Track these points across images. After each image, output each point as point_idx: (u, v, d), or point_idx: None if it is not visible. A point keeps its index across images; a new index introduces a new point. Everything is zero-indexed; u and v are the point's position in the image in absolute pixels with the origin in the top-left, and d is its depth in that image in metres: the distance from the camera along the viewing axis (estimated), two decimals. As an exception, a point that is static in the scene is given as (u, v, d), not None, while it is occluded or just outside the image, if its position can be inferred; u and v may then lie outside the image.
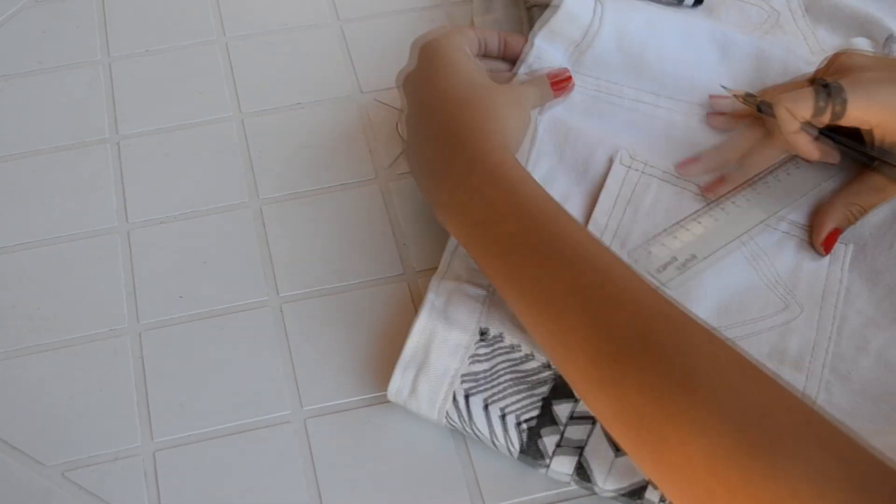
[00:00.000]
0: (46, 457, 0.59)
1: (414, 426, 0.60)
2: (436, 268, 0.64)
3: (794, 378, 0.60)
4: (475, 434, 0.58)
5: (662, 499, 0.55)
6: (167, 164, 0.73)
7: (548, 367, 0.59)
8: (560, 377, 0.58)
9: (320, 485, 0.58)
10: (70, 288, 0.66)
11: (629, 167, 0.68)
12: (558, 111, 0.71)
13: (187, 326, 0.64)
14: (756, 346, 0.62)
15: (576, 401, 0.58)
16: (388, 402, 0.59)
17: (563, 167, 0.68)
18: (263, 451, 0.59)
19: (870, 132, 0.63)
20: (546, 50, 0.72)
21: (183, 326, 0.64)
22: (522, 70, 0.71)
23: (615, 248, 0.65)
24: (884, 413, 0.59)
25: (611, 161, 0.68)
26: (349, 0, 0.84)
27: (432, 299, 0.61)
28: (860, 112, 0.62)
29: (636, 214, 0.66)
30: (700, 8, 0.80)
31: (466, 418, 0.57)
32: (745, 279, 0.64)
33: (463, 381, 0.58)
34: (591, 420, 0.57)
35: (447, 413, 0.58)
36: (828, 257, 0.65)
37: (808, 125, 0.64)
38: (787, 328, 0.62)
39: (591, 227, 0.66)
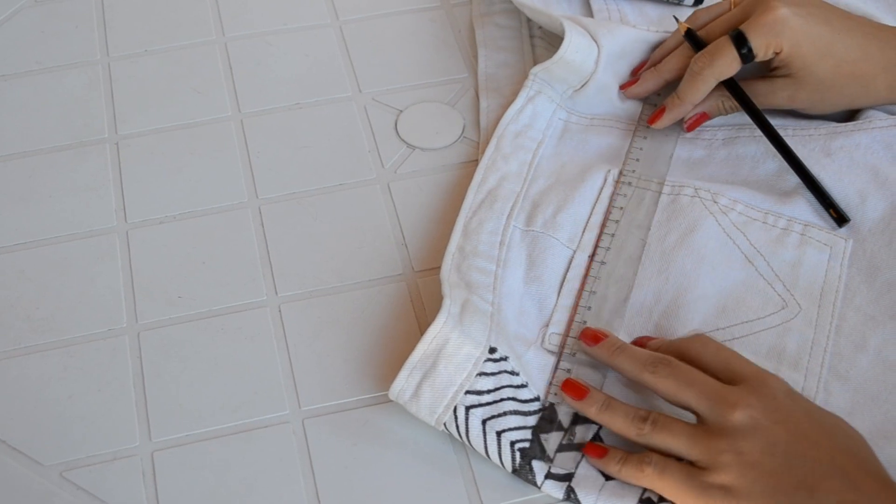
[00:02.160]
0: (45, 457, 0.59)
1: (412, 427, 0.59)
2: (436, 268, 0.64)
3: (792, 378, 0.60)
4: (470, 445, 0.58)
5: None
6: (166, 164, 0.73)
7: (537, 399, 0.59)
8: (548, 408, 0.59)
9: (318, 485, 0.58)
10: (69, 288, 0.66)
11: (623, 183, 0.68)
12: (553, 143, 0.72)
13: (186, 326, 0.64)
14: (754, 346, 0.62)
15: (564, 431, 0.58)
16: (387, 402, 0.59)
17: (558, 184, 0.69)
18: (262, 451, 0.59)
19: (778, 57, 0.67)
20: (545, 87, 0.73)
21: (182, 326, 0.64)
22: (522, 97, 0.73)
23: (611, 258, 0.65)
24: (882, 412, 0.59)
25: (605, 177, 0.69)
26: (349, 0, 0.84)
27: (448, 305, 0.61)
28: (763, 51, 0.66)
29: (630, 226, 0.66)
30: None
31: (464, 430, 0.57)
32: (742, 279, 0.64)
33: (467, 395, 0.58)
34: (580, 450, 0.58)
35: (444, 423, 0.58)
36: (828, 252, 0.65)
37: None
38: (785, 327, 0.62)
39: (586, 239, 0.66)
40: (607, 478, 0.56)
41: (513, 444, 0.57)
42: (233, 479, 0.58)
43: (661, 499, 0.55)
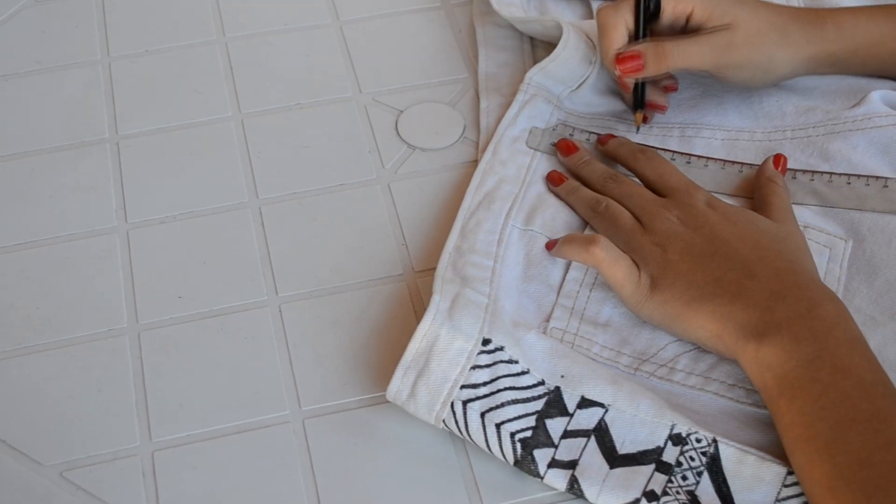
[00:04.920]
0: (45, 457, 0.59)
1: (412, 427, 0.59)
2: (435, 269, 0.64)
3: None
4: (471, 440, 0.58)
5: None
6: (166, 164, 0.73)
7: (542, 383, 0.59)
8: (554, 392, 0.58)
9: (318, 485, 0.58)
10: (69, 288, 0.66)
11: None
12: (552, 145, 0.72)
13: (186, 326, 0.64)
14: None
15: (570, 416, 0.58)
16: (387, 402, 0.59)
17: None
18: (262, 451, 0.59)
19: (690, 19, 0.69)
20: (540, 90, 0.74)
21: (182, 326, 0.64)
22: (518, 101, 0.73)
23: None
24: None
25: None
26: (349, 0, 0.84)
27: (437, 302, 0.61)
28: (672, 5, 0.69)
29: None
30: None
31: (463, 426, 0.57)
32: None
33: (462, 389, 0.58)
34: (585, 436, 0.57)
35: (444, 420, 0.58)
36: (827, 254, 0.65)
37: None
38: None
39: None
40: (612, 467, 0.56)
41: (513, 434, 0.57)
42: (233, 479, 0.58)
43: (665, 492, 0.55)
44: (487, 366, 0.59)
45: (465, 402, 0.57)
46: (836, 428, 0.53)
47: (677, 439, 0.56)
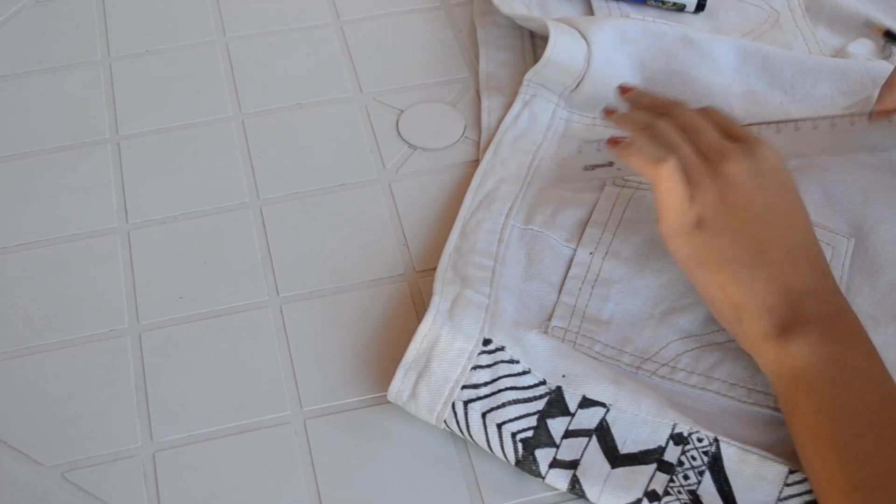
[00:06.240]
0: (46, 457, 0.59)
1: (414, 427, 0.59)
2: (436, 269, 0.64)
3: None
4: (472, 440, 0.58)
5: None
6: (167, 165, 0.73)
7: (543, 383, 0.59)
8: (555, 392, 0.58)
9: (320, 486, 0.58)
10: (70, 288, 0.66)
11: (622, 187, 0.68)
12: (555, 144, 0.71)
13: (187, 327, 0.64)
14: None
15: (571, 416, 0.58)
16: (388, 402, 0.59)
17: (557, 185, 0.69)
18: (263, 451, 0.59)
19: None
20: (540, 90, 0.74)
21: (183, 327, 0.64)
22: (519, 101, 0.73)
23: (609, 264, 0.65)
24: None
25: (604, 183, 0.69)
26: (349, 0, 0.84)
27: (437, 302, 0.61)
28: None
29: (630, 229, 0.66)
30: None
31: (464, 426, 0.57)
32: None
33: (463, 390, 0.58)
34: (586, 436, 0.57)
35: (445, 420, 0.58)
36: (829, 251, 0.65)
37: None
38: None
39: (584, 242, 0.66)
40: (613, 467, 0.56)
41: (514, 434, 0.57)
42: (234, 479, 0.58)
43: (666, 492, 0.55)
44: (488, 366, 0.59)
45: (466, 403, 0.57)
46: (851, 429, 0.53)
47: (679, 439, 0.56)
